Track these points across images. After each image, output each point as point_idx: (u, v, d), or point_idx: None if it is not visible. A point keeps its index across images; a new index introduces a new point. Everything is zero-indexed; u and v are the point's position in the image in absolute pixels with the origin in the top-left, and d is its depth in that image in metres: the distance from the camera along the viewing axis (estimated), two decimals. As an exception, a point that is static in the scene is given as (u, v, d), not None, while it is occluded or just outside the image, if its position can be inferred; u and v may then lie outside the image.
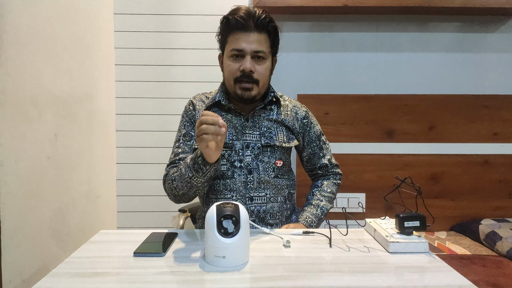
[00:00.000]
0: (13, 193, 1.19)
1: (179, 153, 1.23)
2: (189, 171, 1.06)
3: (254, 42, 1.14)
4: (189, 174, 1.07)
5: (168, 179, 1.17)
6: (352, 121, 2.10)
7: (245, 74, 1.15)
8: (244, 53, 1.15)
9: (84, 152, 1.70)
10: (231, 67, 1.17)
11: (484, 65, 2.16)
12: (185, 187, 1.10)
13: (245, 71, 1.15)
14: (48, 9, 1.40)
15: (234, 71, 1.16)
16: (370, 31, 2.14)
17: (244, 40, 1.14)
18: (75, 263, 0.88)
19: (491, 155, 2.11)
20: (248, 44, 1.14)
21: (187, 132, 1.26)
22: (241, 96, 1.18)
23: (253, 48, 1.14)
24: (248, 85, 1.16)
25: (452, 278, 0.80)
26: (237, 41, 1.14)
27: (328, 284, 0.77)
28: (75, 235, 1.60)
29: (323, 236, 1.06)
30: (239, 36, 1.14)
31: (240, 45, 1.14)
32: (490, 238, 1.76)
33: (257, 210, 1.20)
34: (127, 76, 2.09)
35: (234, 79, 1.17)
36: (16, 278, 1.20)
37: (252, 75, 1.16)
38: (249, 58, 1.15)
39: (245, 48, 1.14)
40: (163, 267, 0.85)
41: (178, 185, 1.12)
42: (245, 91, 1.17)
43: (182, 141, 1.25)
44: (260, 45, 1.15)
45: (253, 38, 1.14)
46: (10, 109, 1.18)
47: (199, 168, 1.04)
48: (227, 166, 1.20)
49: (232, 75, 1.17)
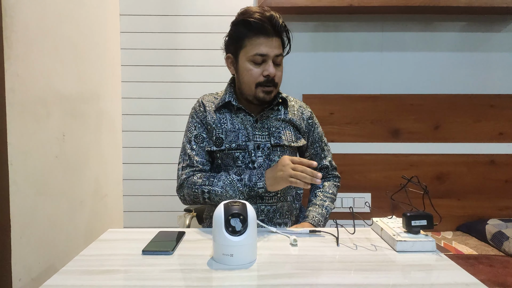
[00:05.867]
0: (22, 191, 1.20)
1: (193, 156, 1.23)
2: (241, 195, 1.15)
3: (276, 47, 1.17)
4: (240, 197, 1.15)
5: (192, 187, 1.18)
6: (357, 121, 2.10)
7: (269, 79, 1.18)
8: (267, 58, 1.16)
9: (91, 151, 1.71)
10: (253, 72, 1.18)
11: (489, 64, 2.15)
12: (218, 202, 1.08)
13: (270, 76, 1.17)
14: (55, 10, 1.41)
15: (257, 76, 1.18)
16: (375, 30, 2.14)
17: (268, 45, 1.15)
18: (84, 261, 0.89)
19: (497, 154, 2.10)
20: (271, 49, 1.16)
21: (198, 133, 1.25)
22: (263, 99, 1.20)
23: (275, 53, 1.17)
24: (270, 88, 1.19)
25: (459, 276, 0.80)
26: (260, 46, 1.15)
27: (336, 282, 0.77)
28: (83, 234, 1.61)
29: (330, 235, 1.06)
30: (261, 41, 1.15)
31: (263, 50, 1.15)
32: (497, 238, 1.75)
33: (267, 210, 1.21)
34: (133, 77, 2.10)
35: (257, 83, 1.19)
36: (25, 276, 1.21)
37: (274, 80, 1.19)
38: (271, 63, 1.17)
39: (268, 53, 1.16)
40: (171, 265, 0.86)
41: (205, 198, 1.17)
42: (267, 94, 1.20)
43: (195, 143, 1.25)
44: (279, 49, 1.19)
45: (275, 43, 1.17)
46: (19, 108, 1.19)
47: (256, 194, 1.15)
48: (242, 168, 1.21)
49: (254, 79, 1.18)
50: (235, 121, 1.24)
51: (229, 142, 1.21)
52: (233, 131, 1.22)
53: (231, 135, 1.22)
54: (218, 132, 1.23)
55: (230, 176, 1.16)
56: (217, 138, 1.23)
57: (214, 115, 1.25)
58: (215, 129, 1.23)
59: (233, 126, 1.23)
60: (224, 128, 1.23)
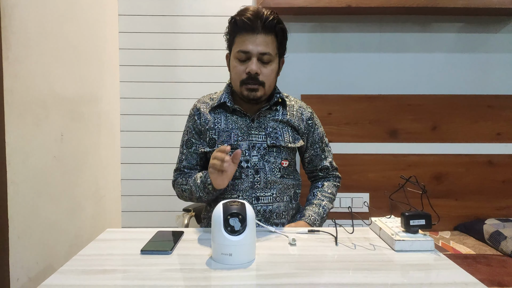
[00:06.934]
0: (21, 192, 1.20)
1: (182, 160, 1.30)
2: (199, 191, 1.18)
3: (261, 44, 1.13)
4: (200, 194, 1.19)
5: (177, 187, 1.29)
6: (356, 121, 2.11)
7: (251, 76, 1.15)
8: (250, 55, 1.14)
9: (90, 152, 1.71)
10: (238, 69, 1.17)
11: (487, 65, 2.16)
12: (194, 199, 1.25)
13: (251, 73, 1.14)
14: (54, 11, 1.41)
15: (240, 73, 1.17)
16: (373, 31, 2.14)
17: (251, 42, 1.13)
18: (82, 261, 0.89)
19: (494, 155, 2.10)
20: (255, 46, 1.13)
21: (188, 139, 1.29)
22: (247, 97, 1.18)
23: (259, 50, 1.14)
24: (254, 86, 1.16)
25: (457, 275, 0.80)
26: (244, 42, 1.14)
27: (334, 281, 0.77)
28: (81, 234, 1.61)
29: (328, 234, 1.06)
30: (246, 37, 1.14)
31: (246, 46, 1.14)
32: (495, 237, 1.76)
33: (263, 210, 1.21)
34: (132, 77, 2.10)
35: (240, 81, 1.17)
36: (23, 276, 1.20)
37: (257, 77, 1.16)
38: (255, 60, 1.14)
39: (251, 50, 1.13)
40: (170, 265, 0.86)
41: (188, 196, 1.25)
42: (251, 91, 1.17)
43: (185, 148, 1.30)
44: (266, 47, 1.14)
45: (260, 40, 1.13)
46: (17, 109, 1.19)
47: (209, 192, 1.16)
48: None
49: (238, 77, 1.18)
50: (229, 121, 1.24)
51: (221, 142, 1.21)
52: (226, 131, 1.22)
53: (224, 135, 1.22)
54: (211, 133, 1.23)
55: (199, 174, 1.21)
56: (210, 139, 1.23)
57: (209, 116, 1.25)
58: (209, 130, 1.24)
59: (226, 126, 1.23)
60: (217, 128, 1.23)
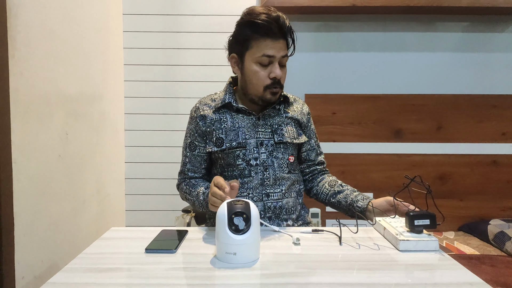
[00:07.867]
0: (25, 190, 1.20)
1: (186, 163, 1.30)
2: (201, 207, 1.20)
3: (282, 48, 1.17)
4: (202, 210, 1.21)
5: (182, 193, 1.31)
6: (360, 121, 2.10)
7: (275, 81, 1.18)
8: (274, 59, 1.17)
9: (94, 151, 1.72)
10: (261, 74, 1.18)
11: (492, 64, 2.15)
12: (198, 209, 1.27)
13: (277, 78, 1.17)
14: (59, 10, 1.42)
15: (264, 78, 1.18)
16: (377, 31, 2.14)
17: (274, 47, 1.15)
18: (87, 259, 0.89)
19: (499, 155, 2.10)
20: (278, 51, 1.16)
21: (191, 141, 1.29)
22: (269, 100, 1.21)
23: (281, 54, 1.17)
24: (277, 90, 1.20)
25: (462, 276, 0.80)
26: (266, 47, 1.15)
27: (338, 281, 0.77)
28: (85, 232, 1.62)
29: (333, 234, 1.06)
30: (268, 42, 1.15)
31: (270, 52, 1.15)
32: (499, 238, 1.75)
33: (273, 206, 1.21)
34: (136, 76, 2.11)
35: (265, 86, 1.19)
36: (29, 274, 1.21)
37: (280, 81, 1.19)
38: (277, 65, 1.17)
39: (275, 54, 1.16)
40: (174, 263, 0.86)
41: (192, 205, 1.27)
42: (274, 95, 1.20)
43: (189, 150, 1.29)
44: (285, 51, 1.19)
45: (282, 45, 1.17)
46: (22, 108, 1.19)
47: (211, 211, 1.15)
48: (243, 166, 1.21)
49: (261, 82, 1.18)
50: (235, 120, 1.24)
51: (230, 141, 1.22)
52: (233, 129, 1.23)
53: (231, 134, 1.22)
54: (218, 133, 1.23)
55: (201, 188, 1.21)
56: (217, 139, 1.23)
57: (214, 116, 1.25)
58: (215, 130, 1.24)
59: (233, 125, 1.23)
60: (224, 127, 1.23)
